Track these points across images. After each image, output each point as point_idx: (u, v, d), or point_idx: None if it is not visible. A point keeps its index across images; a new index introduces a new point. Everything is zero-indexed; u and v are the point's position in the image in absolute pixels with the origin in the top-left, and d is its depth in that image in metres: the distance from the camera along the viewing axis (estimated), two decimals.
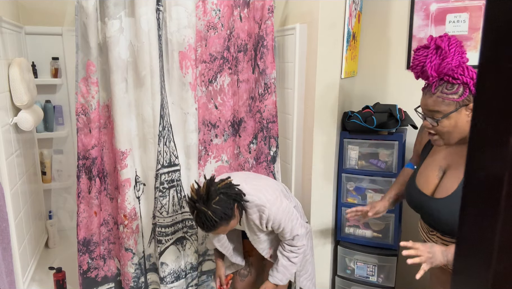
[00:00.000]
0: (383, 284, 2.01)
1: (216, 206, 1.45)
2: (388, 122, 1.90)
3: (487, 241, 0.34)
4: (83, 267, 1.95)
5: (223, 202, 1.47)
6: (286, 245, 1.69)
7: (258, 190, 1.61)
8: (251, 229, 1.68)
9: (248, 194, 1.58)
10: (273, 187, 1.68)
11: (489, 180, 0.34)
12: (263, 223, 1.60)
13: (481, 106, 0.34)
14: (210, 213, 1.44)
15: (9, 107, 1.87)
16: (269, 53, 1.98)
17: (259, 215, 1.59)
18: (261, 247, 1.75)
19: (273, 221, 1.59)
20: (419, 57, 1.23)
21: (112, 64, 1.76)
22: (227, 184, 1.54)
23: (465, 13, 1.95)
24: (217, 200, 1.46)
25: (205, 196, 1.47)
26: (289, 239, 1.67)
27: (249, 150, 2.09)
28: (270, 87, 2.02)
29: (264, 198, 1.59)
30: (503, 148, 0.32)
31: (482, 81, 0.34)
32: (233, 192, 1.53)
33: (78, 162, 1.87)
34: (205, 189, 1.48)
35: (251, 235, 1.70)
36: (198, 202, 1.47)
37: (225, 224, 1.50)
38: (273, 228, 1.64)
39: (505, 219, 0.33)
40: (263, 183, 1.69)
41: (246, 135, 2.08)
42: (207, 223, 1.46)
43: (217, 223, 1.47)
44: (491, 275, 0.34)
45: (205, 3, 1.84)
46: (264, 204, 1.57)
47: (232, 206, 1.51)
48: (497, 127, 0.33)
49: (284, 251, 1.70)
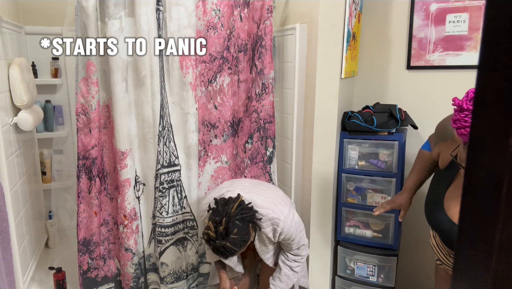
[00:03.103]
0: (383, 284, 2.01)
1: (235, 236, 1.42)
2: (388, 122, 1.90)
3: (487, 241, 0.34)
4: (83, 267, 1.95)
5: (240, 230, 1.44)
6: (289, 254, 1.67)
7: (270, 202, 1.58)
8: (262, 241, 1.65)
9: (261, 207, 1.53)
10: (283, 197, 1.65)
11: (489, 180, 0.34)
12: (276, 236, 1.57)
13: (481, 106, 0.34)
14: (229, 245, 1.42)
15: (9, 107, 1.87)
16: (267, 53, 1.98)
17: (272, 228, 1.56)
18: (267, 256, 1.73)
19: (286, 233, 1.56)
20: (467, 124, 1.09)
21: (112, 64, 1.76)
22: (241, 206, 1.48)
23: (465, 13, 1.95)
24: (235, 231, 1.43)
25: (224, 232, 1.42)
26: (295, 249, 1.65)
27: (244, 150, 2.09)
28: (267, 87, 2.02)
29: (278, 211, 1.55)
30: (503, 148, 0.32)
31: (482, 81, 0.34)
32: (248, 215, 1.48)
33: (78, 162, 1.87)
34: (224, 226, 1.43)
35: (260, 246, 1.67)
36: (218, 239, 1.43)
37: (243, 248, 1.49)
38: (284, 240, 1.61)
39: (505, 219, 0.33)
40: (273, 193, 1.66)
41: (243, 135, 2.08)
42: (227, 253, 1.44)
43: (236, 251, 1.46)
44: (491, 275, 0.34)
45: (205, 3, 1.84)
46: (279, 217, 1.54)
47: (248, 230, 1.48)
48: (497, 128, 0.33)
49: (287, 260, 1.68)
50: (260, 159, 2.10)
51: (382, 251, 1.99)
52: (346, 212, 2.06)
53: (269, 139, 2.08)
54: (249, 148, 2.08)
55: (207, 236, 1.45)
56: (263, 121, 2.05)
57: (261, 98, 2.03)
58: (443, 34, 2.01)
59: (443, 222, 1.30)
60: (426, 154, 1.56)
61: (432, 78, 2.08)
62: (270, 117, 2.05)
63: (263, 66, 1.99)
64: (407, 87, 2.15)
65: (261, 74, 2.00)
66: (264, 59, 1.98)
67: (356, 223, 2.05)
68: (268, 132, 2.07)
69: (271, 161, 2.10)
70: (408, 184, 1.61)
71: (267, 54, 1.98)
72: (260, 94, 2.03)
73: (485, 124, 0.34)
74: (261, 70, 2.00)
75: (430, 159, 1.54)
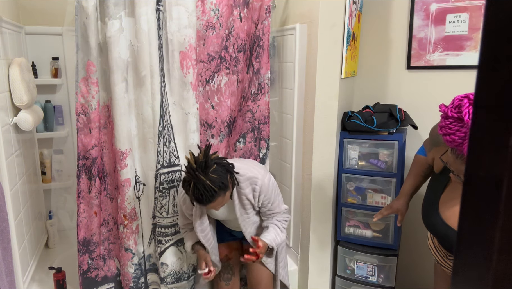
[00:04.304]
0: (383, 284, 2.01)
1: (214, 175, 1.45)
2: (388, 122, 1.90)
3: (487, 241, 0.34)
4: (83, 267, 1.95)
5: (218, 171, 1.47)
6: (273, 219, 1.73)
7: (248, 165, 1.66)
8: (243, 206, 1.67)
9: (238, 168, 1.60)
10: (260, 164, 1.75)
11: (489, 180, 0.34)
12: (256, 196, 1.63)
13: (481, 106, 0.34)
14: (209, 182, 1.43)
15: (9, 107, 1.87)
16: (265, 53, 1.98)
17: (251, 188, 1.62)
18: (249, 230, 1.74)
19: (265, 193, 1.62)
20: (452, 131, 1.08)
21: (112, 64, 1.76)
22: (217, 156, 1.55)
23: (465, 13, 1.95)
24: (214, 168, 1.46)
25: (203, 164, 1.45)
26: (277, 212, 1.71)
27: (235, 149, 2.08)
28: (264, 87, 2.01)
29: (255, 171, 1.63)
30: (503, 148, 0.32)
31: (482, 81, 0.34)
32: (225, 163, 1.54)
33: (78, 162, 1.87)
34: (204, 156, 1.47)
35: (241, 214, 1.69)
36: (197, 170, 1.44)
37: (222, 194, 1.49)
38: (263, 203, 1.66)
39: (505, 219, 0.33)
40: (251, 161, 1.77)
41: (235, 134, 2.08)
42: (206, 193, 1.43)
43: (216, 193, 1.45)
44: (491, 275, 0.34)
45: (204, 2, 1.84)
46: (256, 175, 1.61)
47: (226, 176, 1.51)
48: (497, 128, 0.33)
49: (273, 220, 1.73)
50: None
51: (382, 251, 1.99)
52: (346, 212, 2.06)
53: (263, 141, 2.07)
54: (240, 147, 2.08)
55: (187, 167, 1.47)
56: (257, 122, 2.05)
57: (256, 99, 2.03)
58: (443, 34, 2.01)
59: (438, 225, 1.31)
60: (422, 158, 1.57)
61: (432, 78, 2.08)
62: (264, 118, 2.05)
63: (260, 66, 1.99)
64: (407, 87, 2.15)
65: (258, 74, 2.00)
66: (261, 59, 1.98)
67: (356, 223, 2.05)
68: (262, 134, 2.06)
69: (264, 163, 2.09)
70: (404, 189, 1.62)
71: (264, 54, 1.98)
72: (256, 95, 2.03)
73: (485, 124, 0.34)
74: (258, 70, 2.00)
75: (425, 164, 1.55)
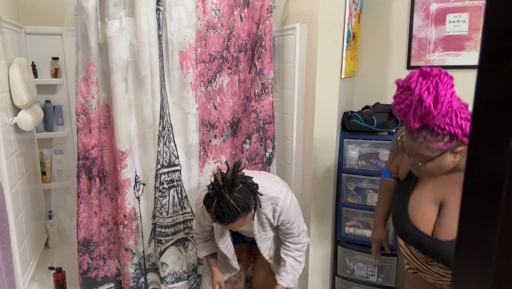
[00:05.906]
0: (383, 284, 2.01)
1: (238, 195, 1.38)
2: (388, 122, 1.90)
3: (487, 241, 0.34)
4: (83, 267, 1.95)
5: (243, 191, 1.41)
6: (290, 244, 1.66)
7: (270, 182, 1.59)
8: (262, 224, 1.62)
9: (261, 186, 1.52)
10: (282, 181, 1.67)
11: (489, 180, 0.34)
12: (276, 216, 1.57)
13: (481, 106, 0.34)
14: (233, 202, 1.36)
15: (9, 107, 1.87)
16: (267, 53, 1.98)
17: (272, 208, 1.56)
18: (265, 246, 1.70)
19: (286, 214, 1.56)
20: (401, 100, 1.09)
21: (112, 64, 1.76)
22: (243, 174, 1.47)
23: (465, 13, 1.95)
24: (240, 188, 1.39)
25: (230, 182, 1.39)
26: (295, 236, 1.64)
27: (242, 150, 2.08)
28: (267, 87, 2.01)
29: (278, 190, 1.56)
30: (503, 148, 0.32)
31: (482, 81, 0.34)
32: (251, 183, 1.47)
33: (78, 162, 1.87)
34: (232, 174, 1.41)
35: (259, 231, 1.65)
36: (223, 188, 1.38)
37: (244, 215, 1.42)
38: (283, 223, 1.60)
39: (505, 219, 0.33)
40: (274, 177, 1.69)
41: (241, 135, 2.08)
42: (229, 212, 1.37)
43: (238, 214, 1.38)
44: (491, 275, 0.34)
45: (204, 3, 1.84)
46: (278, 196, 1.54)
47: (250, 197, 1.44)
48: (497, 127, 0.33)
49: (289, 252, 1.66)
50: (260, 160, 2.09)
51: (382, 251, 1.99)
52: (346, 212, 2.06)
53: (269, 140, 2.07)
54: (247, 148, 2.08)
55: (213, 184, 1.41)
56: (262, 122, 2.05)
57: (260, 99, 2.03)
58: (443, 34, 2.01)
59: (411, 232, 1.27)
60: (388, 181, 1.54)
61: None
62: (269, 118, 2.05)
63: (263, 66, 1.99)
64: None
65: (261, 74, 2.00)
66: (263, 59, 1.98)
67: (356, 223, 2.05)
68: (268, 133, 2.06)
69: (270, 162, 2.09)
70: (377, 217, 1.61)
71: (267, 54, 1.98)
72: (260, 95, 2.03)
73: (485, 124, 0.34)
74: (261, 70, 2.00)
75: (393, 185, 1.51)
